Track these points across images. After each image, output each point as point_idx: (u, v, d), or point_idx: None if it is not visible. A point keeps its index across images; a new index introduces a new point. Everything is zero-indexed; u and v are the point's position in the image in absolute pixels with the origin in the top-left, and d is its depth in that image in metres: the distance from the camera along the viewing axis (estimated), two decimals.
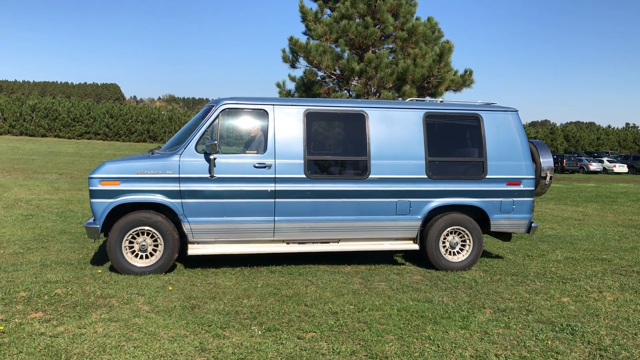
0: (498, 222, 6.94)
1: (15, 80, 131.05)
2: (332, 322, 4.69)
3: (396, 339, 4.35)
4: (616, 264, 7.44)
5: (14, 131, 60.66)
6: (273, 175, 6.33)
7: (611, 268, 7.16)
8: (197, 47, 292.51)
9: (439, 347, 4.21)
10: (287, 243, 6.58)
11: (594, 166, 43.14)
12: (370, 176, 6.57)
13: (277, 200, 6.33)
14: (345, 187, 6.51)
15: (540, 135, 65.67)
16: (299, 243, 6.61)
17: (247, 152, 6.54)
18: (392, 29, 15.70)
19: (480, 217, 7.02)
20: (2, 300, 5.02)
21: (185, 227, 6.22)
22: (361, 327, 4.62)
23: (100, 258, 6.95)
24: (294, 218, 6.41)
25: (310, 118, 6.63)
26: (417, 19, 15.72)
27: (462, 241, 6.92)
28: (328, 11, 16.23)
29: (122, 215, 6.24)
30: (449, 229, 6.83)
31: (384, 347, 4.18)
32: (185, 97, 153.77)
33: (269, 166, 6.32)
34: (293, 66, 16.36)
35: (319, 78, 16.22)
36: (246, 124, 6.70)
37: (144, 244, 6.17)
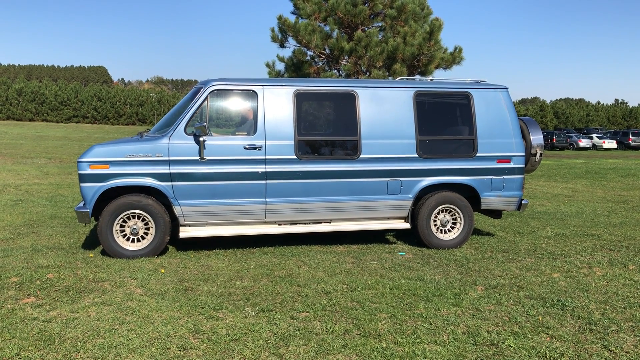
0: (489, 199, 6.97)
1: (0, 64, 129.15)
2: (325, 302, 4.72)
3: (389, 317, 4.39)
4: (605, 239, 7.52)
5: (1, 116, 59.96)
6: (263, 157, 6.30)
7: (601, 243, 7.24)
8: (185, 28, 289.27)
9: (431, 324, 4.25)
10: (279, 224, 6.59)
11: (584, 142, 43.35)
12: (361, 156, 6.56)
13: (268, 181, 6.32)
14: (336, 167, 6.50)
15: (530, 112, 65.82)
16: (291, 224, 6.62)
17: (237, 133, 6.51)
18: (381, 6, 15.59)
19: (470, 195, 7.05)
20: None
21: (176, 209, 6.19)
22: (354, 306, 4.65)
23: (91, 242, 6.93)
24: (286, 199, 6.41)
25: (300, 98, 6.59)
26: None
27: (453, 219, 6.95)
28: None
29: (112, 199, 6.20)
30: (439, 208, 6.85)
31: (376, 325, 4.21)
32: (174, 79, 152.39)
33: (259, 147, 6.29)
34: (282, 46, 16.25)
35: (308, 58, 16.13)
36: (235, 105, 6.64)
37: (135, 227, 6.15)
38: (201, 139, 6.11)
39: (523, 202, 7.13)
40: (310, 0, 15.45)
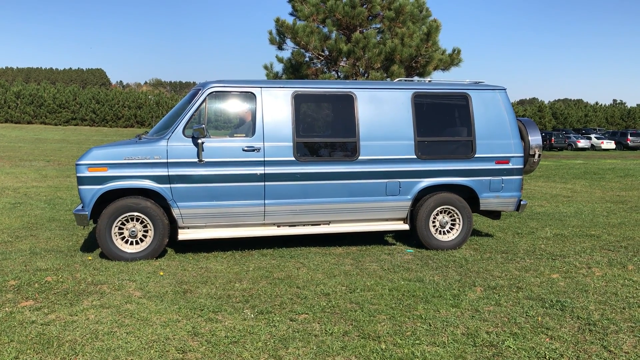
0: (487, 200, 6.97)
1: None
2: (324, 304, 4.71)
3: (388, 319, 4.38)
4: (604, 239, 7.52)
5: None
6: (262, 159, 6.30)
7: (599, 244, 7.24)
8: (184, 30, 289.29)
9: (430, 325, 4.25)
10: (278, 226, 6.58)
11: (582, 143, 43.38)
12: (359, 157, 6.56)
13: (266, 183, 6.31)
14: (335, 169, 6.50)
15: (528, 113, 65.87)
16: (290, 226, 6.61)
17: (235, 135, 6.50)
18: (379, 8, 15.61)
19: (469, 196, 7.04)
20: None
21: (175, 212, 6.19)
22: (353, 307, 4.65)
23: (90, 245, 6.92)
24: (284, 201, 6.40)
25: (299, 100, 6.58)
26: None
27: (452, 220, 6.95)
28: None
29: (110, 201, 6.19)
30: (438, 209, 6.85)
31: (376, 327, 4.21)
32: (172, 81, 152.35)
33: (258, 149, 6.29)
34: (280, 48, 16.27)
35: (306, 59, 16.14)
36: (234, 107, 6.64)
37: (133, 229, 6.14)
38: (199, 141, 6.11)
39: (522, 202, 7.13)
40: (309, 2, 15.46)
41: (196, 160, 6.14)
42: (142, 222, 6.17)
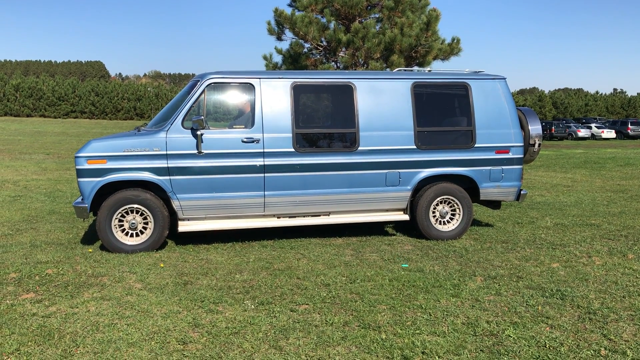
0: (487, 190, 6.96)
1: None
2: (325, 294, 4.72)
3: (388, 309, 4.39)
4: (605, 228, 7.52)
5: None
6: (261, 150, 6.28)
7: (600, 233, 7.24)
8: (183, 21, 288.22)
9: (430, 315, 4.25)
10: (278, 217, 6.58)
11: (583, 132, 43.30)
12: (359, 148, 6.54)
13: (266, 174, 6.30)
14: (335, 159, 6.49)
15: (528, 102, 65.73)
16: (290, 217, 6.61)
17: (234, 127, 6.48)
18: None
19: (469, 186, 7.03)
20: None
21: (175, 204, 6.18)
22: (353, 298, 4.65)
23: (90, 237, 6.92)
24: (284, 192, 6.40)
25: (298, 91, 6.56)
26: None
27: (452, 210, 6.95)
28: None
29: (110, 193, 6.19)
30: (438, 199, 6.84)
31: (376, 317, 4.21)
32: (171, 73, 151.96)
33: (257, 141, 6.28)
34: (279, 38, 16.21)
35: (305, 50, 16.08)
36: (233, 98, 6.62)
37: (133, 222, 6.13)
38: (199, 132, 6.09)
39: (522, 192, 7.12)
40: None
41: (195, 151, 6.13)
42: (142, 214, 6.17)
